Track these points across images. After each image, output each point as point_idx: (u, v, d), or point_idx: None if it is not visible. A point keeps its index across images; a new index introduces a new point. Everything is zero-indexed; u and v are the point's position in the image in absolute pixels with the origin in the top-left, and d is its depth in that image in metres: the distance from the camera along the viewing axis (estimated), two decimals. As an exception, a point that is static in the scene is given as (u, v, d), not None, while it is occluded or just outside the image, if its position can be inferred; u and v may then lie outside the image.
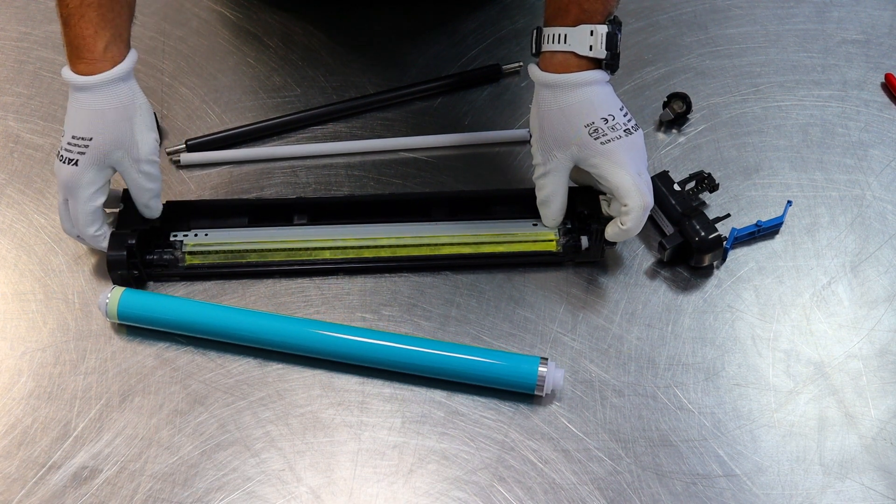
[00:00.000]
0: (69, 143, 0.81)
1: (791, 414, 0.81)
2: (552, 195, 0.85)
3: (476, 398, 0.81)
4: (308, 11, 1.10)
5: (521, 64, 1.04)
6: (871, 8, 1.11)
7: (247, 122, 0.99)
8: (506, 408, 0.81)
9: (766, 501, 0.76)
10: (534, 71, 0.82)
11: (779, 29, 1.09)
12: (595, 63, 0.80)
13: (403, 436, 0.79)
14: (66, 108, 0.82)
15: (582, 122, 0.80)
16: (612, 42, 0.79)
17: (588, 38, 0.79)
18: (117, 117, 0.81)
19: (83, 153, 0.81)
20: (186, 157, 0.96)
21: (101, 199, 0.84)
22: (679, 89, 1.02)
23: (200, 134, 0.98)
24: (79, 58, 0.80)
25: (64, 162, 0.82)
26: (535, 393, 0.80)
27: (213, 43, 1.07)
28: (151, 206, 0.87)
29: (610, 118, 0.80)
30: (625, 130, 0.80)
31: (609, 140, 0.80)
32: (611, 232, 0.83)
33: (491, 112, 1.02)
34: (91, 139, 0.81)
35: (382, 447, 0.79)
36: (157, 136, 0.85)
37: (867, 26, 1.09)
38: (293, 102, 1.02)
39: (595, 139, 0.80)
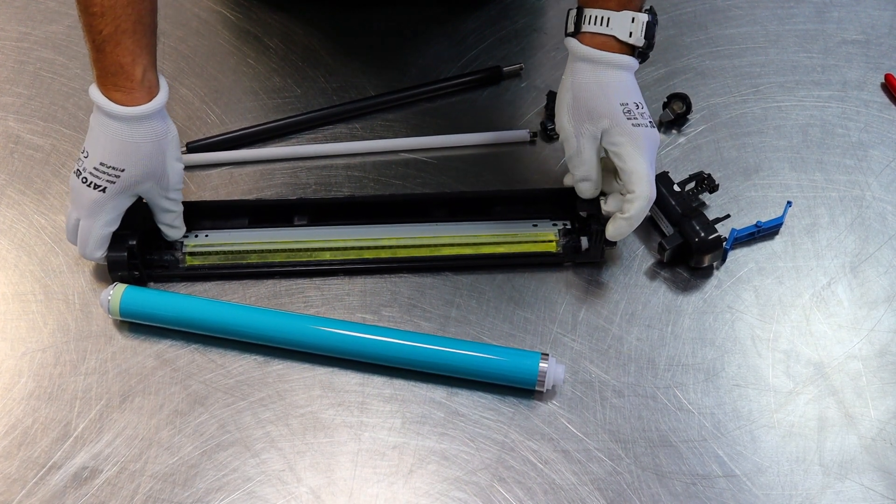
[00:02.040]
0: (96, 169, 0.79)
1: (791, 414, 0.81)
2: (589, 173, 0.84)
3: (476, 399, 0.81)
4: (308, 11, 1.10)
5: (522, 66, 1.04)
6: (871, 8, 1.11)
7: (247, 124, 0.99)
8: (506, 408, 0.81)
9: (766, 502, 0.76)
10: (572, 44, 0.82)
11: (779, 29, 1.09)
12: (630, 50, 0.81)
13: (403, 436, 0.79)
14: (91, 129, 0.80)
15: (618, 100, 0.81)
16: (650, 31, 0.80)
17: (629, 25, 0.80)
18: (151, 150, 0.80)
19: (112, 182, 0.80)
20: (187, 158, 0.96)
21: (117, 225, 0.83)
22: (679, 90, 1.02)
23: (201, 135, 0.98)
24: (115, 85, 0.78)
25: (89, 186, 0.80)
26: (536, 388, 0.80)
27: (213, 43, 1.07)
28: (176, 225, 0.87)
29: (640, 105, 0.81)
30: (649, 122, 0.82)
31: (638, 124, 0.81)
32: (611, 227, 0.83)
33: (491, 113, 1.02)
34: (123, 170, 0.79)
35: (382, 447, 0.79)
36: (183, 164, 0.85)
37: (867, 26, 1.09)
38: (293, 103, 1.02)
39: (627, 119, 0.81)
